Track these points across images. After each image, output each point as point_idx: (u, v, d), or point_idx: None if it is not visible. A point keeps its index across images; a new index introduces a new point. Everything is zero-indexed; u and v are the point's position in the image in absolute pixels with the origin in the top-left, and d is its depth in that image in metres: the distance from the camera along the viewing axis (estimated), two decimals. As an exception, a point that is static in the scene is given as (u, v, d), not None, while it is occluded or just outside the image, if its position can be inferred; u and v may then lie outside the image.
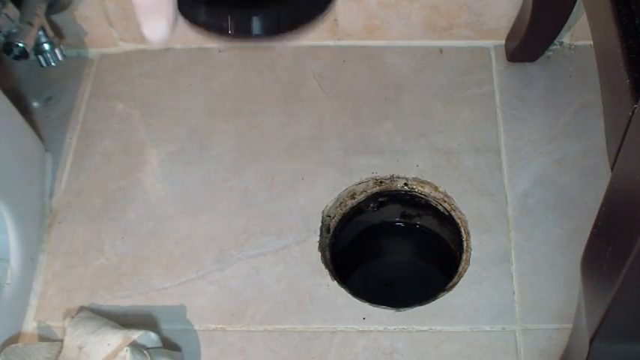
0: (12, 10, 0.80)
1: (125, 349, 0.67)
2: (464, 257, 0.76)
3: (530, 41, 0.84)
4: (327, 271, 0.75)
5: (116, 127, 0.87)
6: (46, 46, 0.86)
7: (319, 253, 0.76)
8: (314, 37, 0.90)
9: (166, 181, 0.82)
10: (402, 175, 0.80)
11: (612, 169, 0.45)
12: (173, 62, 0.92)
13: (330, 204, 0.79)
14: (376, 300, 0.73)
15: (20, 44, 0.79)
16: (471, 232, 0.76)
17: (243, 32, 0.42)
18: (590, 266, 0.50)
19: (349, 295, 0.74)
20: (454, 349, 0.70)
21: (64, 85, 0.91)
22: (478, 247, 0.76)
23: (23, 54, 0.79)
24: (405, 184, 0.80)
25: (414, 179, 0.80)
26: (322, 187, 0.80)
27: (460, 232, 0.77)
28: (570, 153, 0.81)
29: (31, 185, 0.80)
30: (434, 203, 0.80)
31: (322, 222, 0.78)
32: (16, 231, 0.74)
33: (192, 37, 0.92)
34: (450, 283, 0.74)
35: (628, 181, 0.43)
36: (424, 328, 0.72)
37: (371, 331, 0.72)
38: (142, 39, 0.92)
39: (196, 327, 0.73)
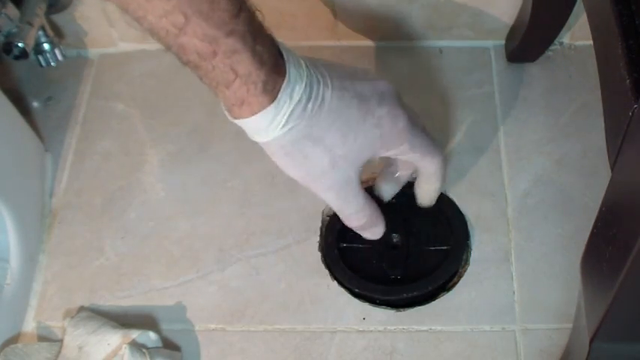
0: (12, 10, 0.80)
1: (124, 346, 0.67)
2: (464, 257, 0.76)
3: (530, 41, 0.84)
4: (327, 271, 0.75)
5: (116, 127, 0.87)
6: (46, 46, 0.86)
7: (319, 253, 0.76)
8: (314, 37, 0.90)
9: (166, 181, 0.82)
10: (402, 175, 0.80)
11: (612, 169, 0.45)
12: (173, 62, 0.91)
13: (330, 204, 0.79)
14: (376, 300, 0.73)
15: (20, 44, 0.79)
16: (471, 232, 0.76)
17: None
18: (590, 266, 0.50)
19: (349, 295, 0.74)
20: (454, 349, 0.70)
21: (64, 85, 0.91)
22: (478, 247, 0.76)
23: (23, 54, 0.79)
24: None
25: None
26: (322, 187, 0.80)
27: (460, 232, 0.77)
28: (570, 153, 0.81)
29: (31, 185, 0.80)
30: (434, 203, 0.80)
31: (322, 222, 0.78)
32: (16, 231, 0.74)
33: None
34: (450, 283, 0.74)
35: (628, 181, 0.43)
36: (424, 328, 0.72)
37: (371, 331, 0.72)
38: (142, 39, 0.92)
39: (196, 327, 0.73)
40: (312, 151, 0.57)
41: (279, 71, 0.53)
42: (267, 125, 0.55)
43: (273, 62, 0.52)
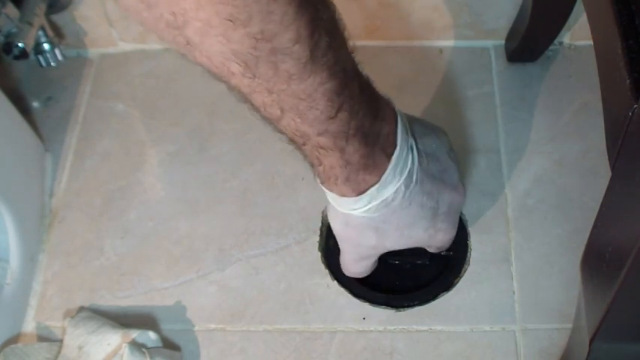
0: (12, 10, 0.80)
1: (124, 345, 0.67)
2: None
3: (530, 41, 0.84)
4: (327, 271, 0.75)
5: (116, 127, 0.87)
6: (46, 46, 0.86)
7: (319, 253, 0.76)
8: (314, 37, 0.90)
9: (166, 181, 0.82)
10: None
11: (612, 169, 0.45)
12: (173, 62, 0.92)
13: (330, 204, 0.79)
14: (376, 300, 0.73)
15: (20, 44, 0.79)
16: (470, 232, 0.76)
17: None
18: (590, 266, 0.50)
19: (349, 295, 0.74)
20: (454, 349, 0.70)
21: (64, 85, 0.91)
22: (478, 247, 0.76)
23: (23, 54, 0.79)
24: None
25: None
26: (322, 187, 0.80)
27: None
28: (570, 153, 0.81)
29: (31, 185, 0.80)
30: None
31: (322, 222, 0.78)
32: (16, 231, 0.74)
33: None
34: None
35: (628, 181, 0.43)
36: (424, 328, 0.72)
37: (371, 331, 0.72)
38: (142, 39, 0.92)
39: (196, 327, 0.73)
40: (369, 236, 0.62)
41: (370, 171, 0.54)
42: (340, 205, 0.57)
43: (363, 163, 0.53)
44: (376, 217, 0.58)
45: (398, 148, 0.54)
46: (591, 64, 0.51)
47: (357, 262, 0.69)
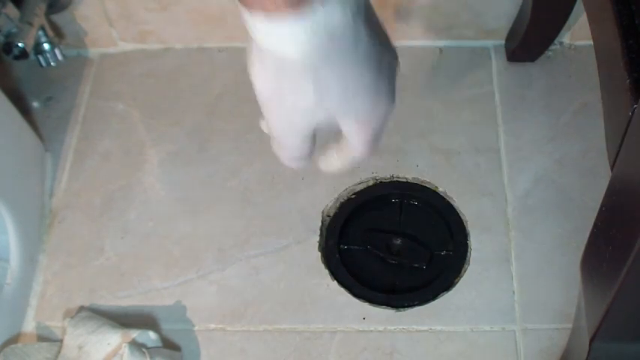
0: (12, 10, 0.80)
1: (124, 345, 0.67)
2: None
3: (530, 41, 0.84)
4: (327, 271, 0.75)
5: (116, 127, 0.87)
6: (46, 46, 0.86)
7: (319, 253, 0.76)
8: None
9: (166, 181, 0.82)
10: (401, 175, 0.80)
11: (612, 169, 0.45)
12: (173, 62, 0.92)
13: (330, 204, 0.79)
14: (376, 300, 0.73)
15: (20, 44, 0.79)
16: (470, 232, 0.76)
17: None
18: (590, 266, 0.50)
19: (349, 295, 0.74)
20: (454, 349, 0.70)
21: (64, 85, 0.91)
22: (478, 247, 0.76)
23: (23, 54, 0.79)
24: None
25: (414, 179, 0.80)
26: (322, 187, 0.80)
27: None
28: (570, 153, 0.81)
29: (31, 185, 0.80)
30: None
31: (322, 222, 0.78)
32: (16, 231, 0.74)
33: (192, 37, 0.92)
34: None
35: (628, 181, 0.43)
36: (424, 328, 0.72)
37: (371, 331, 0.72)
38: (142, 39, 0.92)
39: (196, 327, 0.73)
40: (305, 90, 0.48)
41: None
42: (270, 33, 0.44)
43: None
44: (316, 57, 0.46)
45: None
46: (591, 64, 0.51)
47: (290, 136, 0.53)
